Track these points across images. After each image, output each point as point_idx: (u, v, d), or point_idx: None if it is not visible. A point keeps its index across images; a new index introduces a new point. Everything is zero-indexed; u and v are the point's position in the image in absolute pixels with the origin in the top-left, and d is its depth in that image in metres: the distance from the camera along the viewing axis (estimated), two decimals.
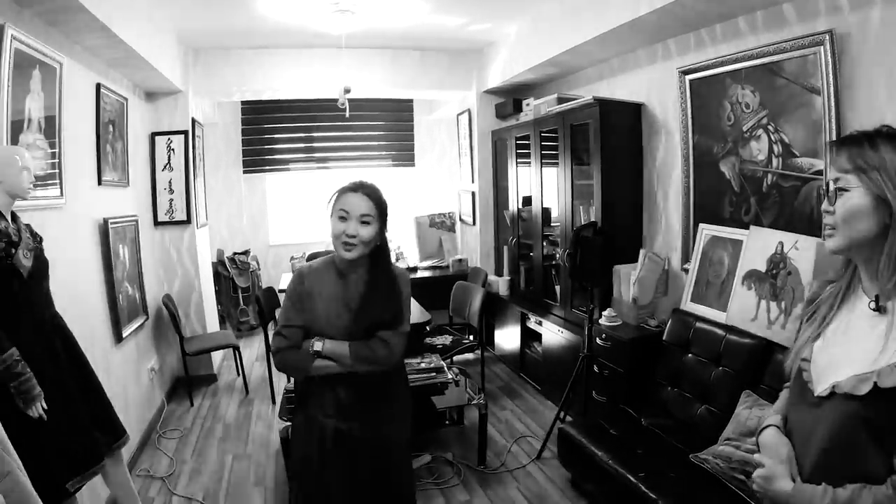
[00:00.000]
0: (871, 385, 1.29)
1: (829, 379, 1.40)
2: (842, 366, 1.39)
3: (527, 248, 6.23)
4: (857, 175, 1.36)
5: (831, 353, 1.45)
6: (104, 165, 4.34)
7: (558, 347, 5.20)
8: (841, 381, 1.36)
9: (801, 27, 3.28)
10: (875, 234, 1.35)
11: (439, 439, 4.64)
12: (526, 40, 5.69)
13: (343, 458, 2.46)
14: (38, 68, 3.26)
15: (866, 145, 1.36)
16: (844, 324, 1.47)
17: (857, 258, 1.45)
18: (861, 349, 1.37)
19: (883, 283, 1.36)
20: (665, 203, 4.55)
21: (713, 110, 3.94)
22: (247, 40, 6.01)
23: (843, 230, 1.39)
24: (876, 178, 1.32)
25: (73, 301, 3.40)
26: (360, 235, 2.34)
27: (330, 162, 8.63)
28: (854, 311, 1.45)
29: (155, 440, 4.77)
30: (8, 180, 2.53)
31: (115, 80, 4.68)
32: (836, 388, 1.37)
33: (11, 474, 1.72)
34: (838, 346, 1.45)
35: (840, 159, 1.40)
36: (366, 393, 2.48)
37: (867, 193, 1.34)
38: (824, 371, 1.44)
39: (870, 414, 1.30)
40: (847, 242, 1.39)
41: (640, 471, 3.10)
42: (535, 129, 5.64)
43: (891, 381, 1.27)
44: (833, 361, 1.43)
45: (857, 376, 1.33)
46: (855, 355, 1.38)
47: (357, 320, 2.42)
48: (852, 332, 1.43)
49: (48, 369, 2.59)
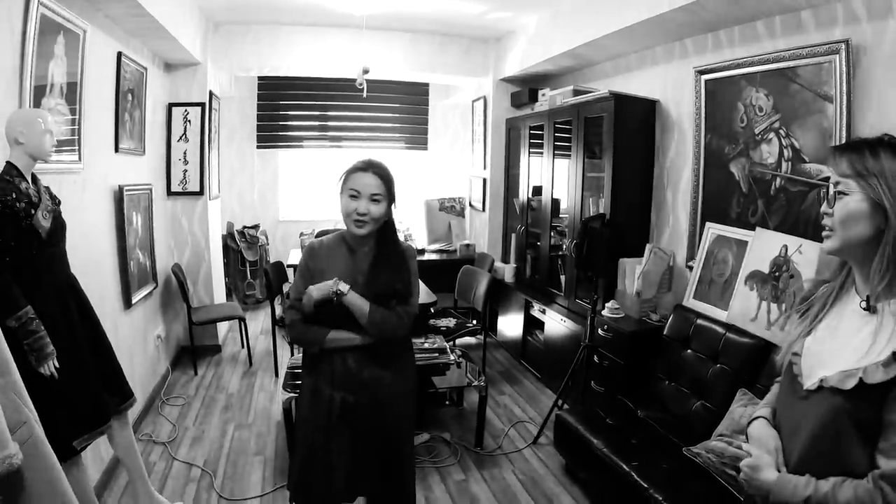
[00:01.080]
0: (857, 380, 1.35)
1: (818, 373, 1.46)
2: (831, 361, 1.45)
3: (534, 237, 6.26)
4: (856, 180, 1.40)
5: (821, 348, 1.51)
6: (122, 133, 4.39)
7: (560, 336, 5.25)
8: (829, 375, 1.42)
9: (818, 35, 3.30)
10: (870, 237, 1.40)
11: (438, 419, 4.71)
12: (545, 31, 5.71)
13: (348, 430, 2.53)
14: (63, 34, 3.31)
15: (867, 152, 1.40)
16: (836, 321, 1.52)
17: (852, 259, 1.51)
18: (850, 346, 1.43)
19: (874, 284, 1.41)
20: (674, 200, 4.58)
21: (727, 111, 3.96)
22: (268, 16, 6.04)
23: (839, 232, 1.44)
24: (875, 184, 1.37)
25: (85, 264, 3.46)
26: (370, 213, 2.43)
27: (343, 141, 8.66)
28: (845, 310, 1.51)
29: (158, 406, 4.85)
30: (30, 142, 2.57)
31: (136, 50, 4.73)
32: (823, 382, 1.43)
33: (27, 424, 1.78)
34: (828, 342, 1.51)
35: (841, 164, 1.44)
36: (373, 366, 2.55)
37: (865, 198, 1.39)
38: (813, 365, 1.50)
39: (854, 408, 1.36)
40: (843, 244, 1.45)
41: (634, 460, 3.16)
42: (550, 119, 5.66)
43: (876, 377, 1.32)
44: (822, 357, 1.48)
45: (844, 372, 1.39)
46: (844, 352, 1.43)
47: (366, 292, 2.49)
48: (842, 329, 1.49)
49: (62, 329, 2.66)
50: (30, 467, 1.75)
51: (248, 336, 6.18)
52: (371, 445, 2.56)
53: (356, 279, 2.53)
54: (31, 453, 1.75)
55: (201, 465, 3.99)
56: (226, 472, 3.95)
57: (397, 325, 2.53)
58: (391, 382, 2.59)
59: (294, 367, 4.19)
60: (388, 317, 2.50)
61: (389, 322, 2.50)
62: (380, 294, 2.50)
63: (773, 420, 1.67)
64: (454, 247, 7.60)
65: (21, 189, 2.52)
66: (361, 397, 2.52)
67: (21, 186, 2.53)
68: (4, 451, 1.62)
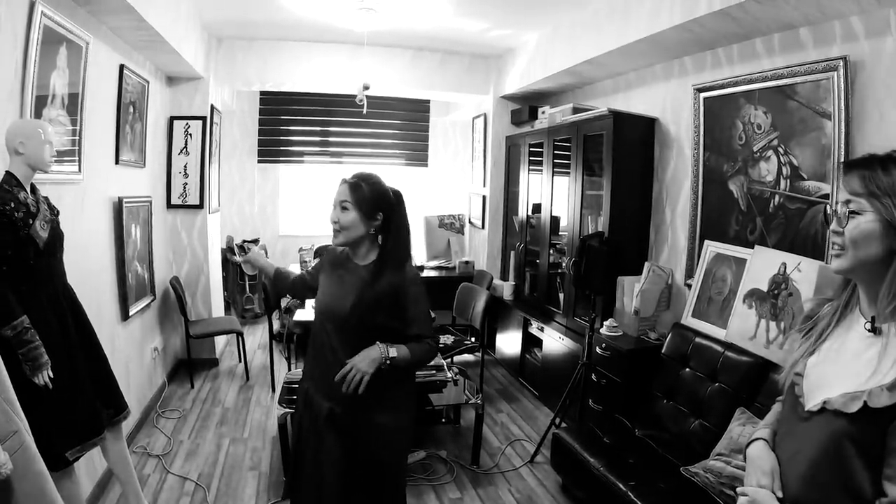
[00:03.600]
0: (861, 404, 1.30)
1: (821, 395, 1.41)
2: (834, 383, 1.40)
3: (533, 255, 6.26)
4: (868, 199, 1.36)
5: (825, 369, 1.46)
6: (122, 145, 4.40)
7: (558, 354, 5.24)
8: (832, 397, 1.37)
9: (816, 52, 3.32)
10: (881, 258, 1.36)
11: (435, 436, 4.69)
12: (545, 49, 5.74)
13: (334, 439, 2.48)
14: (65, 46, 3.32)
15: (879, 170, 1.36)
16: (840, 342, 1.48)
17: (860, 280, 1.46)
18: (854, 368, 1.38)
19: (882, 306, 1.37)
20: (672, 218, 4.59)
21: (725, 129, 3.97)
22: (270, 31, 6.08)
23: (851, 252, 1.40)
24: (888, 203, 1.33)
25: (83, 275, 3.45)
26: (339, 221, 2.47)
27: (344, 157, 8.68)
28: (850, 331, 1.46)
29: (153, 419, 4.83)
30: (30, 152, 2.58)
31: (139, 63, 4.75)
32: (826, 405, 1.38)
33: (18, 433, 1.77)
34: (832, 363, 1.46)
35: (852, 182, 1.40)
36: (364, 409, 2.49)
37: (878, 219, 1.34)
38: (816, 387, 1.45)
39: (857, 432, 1.31)
40: (853, 264, 1.40)
41: (631, 480, 3.13)
42: (549, 137, 5.68)
43: (880, 401, 1.28)
44: (826, 378, 1.44)
45: (848, 394, 1.34)
46: (847, 374, 1.39)
47: (351, 311, 2.44)
48: (847, 350, 1.44)
49: (57, 339, 2.65)
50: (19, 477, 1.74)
51: (246, 350, 6.15)
52: (356, 457, 2.50)
53: (346, 295, 2.49)
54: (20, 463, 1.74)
55: (195, 479, 3.96)
56: (220, 486, 3.92)
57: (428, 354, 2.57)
58: (379, 395, 2.46)
59: (291, 383, 4.17)
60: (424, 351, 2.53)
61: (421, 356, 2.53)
62: (373, 308, 2.45)
63: (772, 442, 1.61)
64: (453, 264, 7.60)
65: (20, 198, 2.52)
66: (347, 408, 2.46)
67: (20, 196, 2.53)
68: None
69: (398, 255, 2.53)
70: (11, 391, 1.82)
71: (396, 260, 2.52)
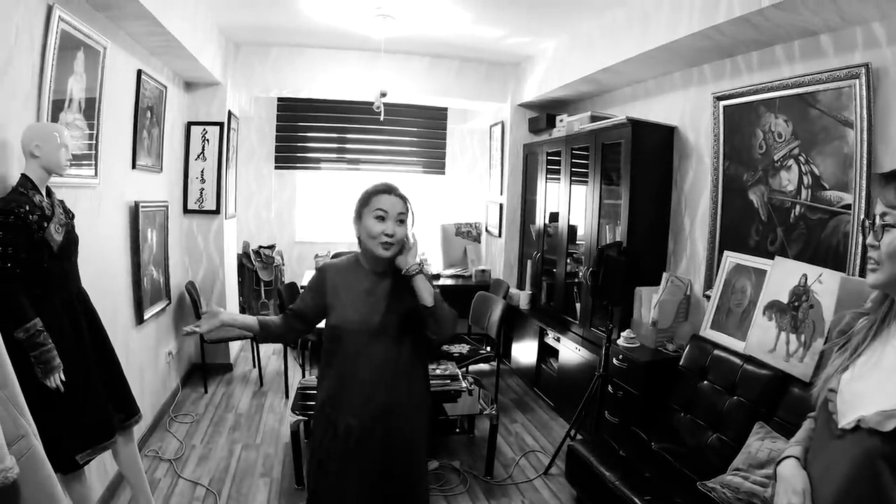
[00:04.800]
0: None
1: (855, 412, 1.37)
2: (869, 400, 1.36)
3: (550, 264, 6.22)
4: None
5: (859, 385, 1.42)
6: (139, 150, 4.41)
7: (574, 365, 5.19)
8: (867, 415, 1.33)
9: (837, 59, 3.27)
10: None
11: (448, 446, 4.65)
12: (563, 56, 5.71)
13: (354, 454, 2.44)
14: (83, 50, 3.33)
15: None
16: (875, 357, 1.43)
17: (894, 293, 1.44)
18: (890, 385, 1.34)
19: None
20: (691, 228, 4.53)
21: (745, 138, 3.93)
22: (287, 38, 6.09)
23: (887, 266, 1.37)
24: None
25: (98, 279, 3.47)
26: (396, 234, 2.37)
27: (361, 164, 8.69)
28: (886, 346, 1.42)
29: (166, 423, 4.83)
30: (46, 156, 2.59)
31: (156, 68, 4.77)
32: (860, 423, 1.34)
33: (26, 437, 1.76)
34: (867, 379, 1.42)
35: (888, 194, 1.37)
36: (389, 390, 2.45)
37: None
38: (850, 404, 1.41)
39: (892, 451, 1.27)
40: (890, 278, 1.38)
41: (647, 494, 3.07)
42: (567, 145, 5.65)
43: None
44: (860, 395, 1.40)
45: (884, 412, 1.29)
46: (883, 391, 1.34)
47: (388, 317, 2.41)
48: (883, 366, 1.40)
49: (70, 342, 2.65)
50: (27, 481, 1.72)
51: (260, 356, 6.16)
52: (379, 469, 2.45)
53: (377, 303, 2.45)
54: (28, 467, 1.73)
55: (206, 485, 3.95)
56: (231, 492, 3.90)
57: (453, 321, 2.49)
58: (397, 404, 2.45)
59: (304, 389, 4.16)
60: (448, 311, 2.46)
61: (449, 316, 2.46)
62: (405, 316, 2.43)
63: (803, 460, 1.58)
64: (469, 272, 7.57)
65: (35, 201, 2.53)
66: (365, 419, 2.42)
67: (35, 199, 2.54)
68: (1, 465, 1.60)
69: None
70: (20, 395, 1.81)
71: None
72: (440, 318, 2.40)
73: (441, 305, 2.40)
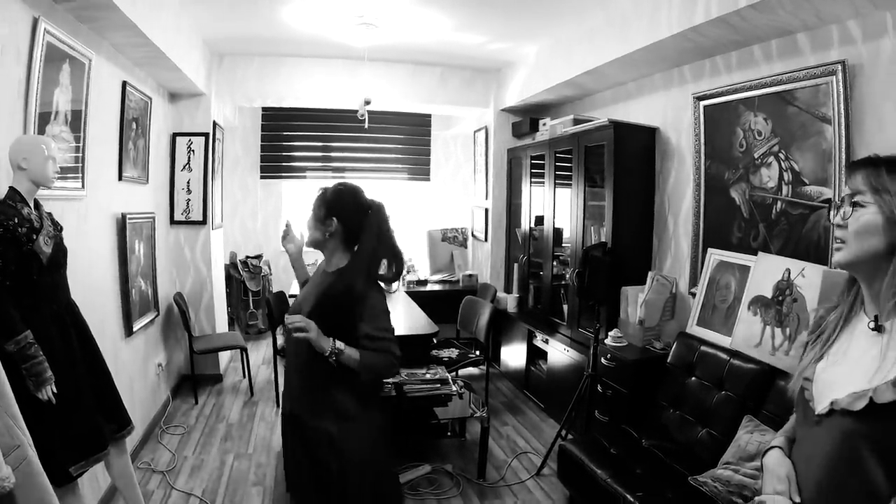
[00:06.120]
0: (867, 401, 1.31)
1: (829, 397, 1.42)
2: (841, 384, 1.41)
3: (537, 267, 6.25)
4: (872, 194, 1.40)
5: (832, 372, 1.48)
6: (125, 161, 4.42)
7: (563, 366, 5.22)
8: (839, 398, 1.38)
9: (814, 57, 3.33)
10: (882, 252, 1.38)
11: (440, 450, 4.67)
12: (545, 61, 5.76)
13: (296, 441, 2.55)
14: (68, 63, 3.35)
15: (883, 169, 1.40)
16: (846, 344, 1.49)
17: (861, 276, 1.49)
18: (860, 368, 1.39)
19: (884, 302, 1.39)
20: (675, 227, 4.58)
21: (726, 136, 3.98)
22: (271, 48, 6.11)
23: (852, 244, 1.42)
24: (889, 200, 1.37)
25: (86, 291, 3.46)
26: (305, 235, 2.69)
27: (346, 172, 8.67)
28: (855, 332, 1.48)
29: (158, 434, 4.81)
30: (33, 168, 2.60)
31: (141, 80, 4.78)
32: (834, 405, 1.39)
33: (21, 448, 1.77)
34: (839, 365, 1.47)
35: (856, 179, 1.44)
36: (308, 383, 2.48)
37: (880, 212, 1.38)
38: (825, 390, 1.46)
39: (867, 430, 1.33)
40: (855, 257, 1.43)
41: (639, 491, 3.10)
42: (551, 149, 5.69)
43: (886, 397, 1.29)
44: (833, 380, 1.45)
45: (854, 393, 1.35)
46: (854, 374, 1.40)
47: (309, 315, 2.38)
48: (852, 351, 1.46)
49: (60, 354, 2.65)
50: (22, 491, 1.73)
51: (250, 366, 6.15)
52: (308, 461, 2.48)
53: (309, 296, 2.55)
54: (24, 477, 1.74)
55: (199, 495, 3.94)
56: (224, 502, 3.90)
57: (385, 365, 2.45)
58: (328, 403, 2.44)
59: None
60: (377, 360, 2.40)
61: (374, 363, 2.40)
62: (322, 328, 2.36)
63: (788, 449, 1.63)
64: (457, 277, 7.60)
65: (23, 214, 2.53)
66: (298, 410, 2.51)
67: (23, 211, 2.54)
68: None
69: (359, 264, 2.48)
70: (15, 406, 1.82)
71: (357, 268, 2.47)
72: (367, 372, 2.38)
73: (371, 366, 2.39)
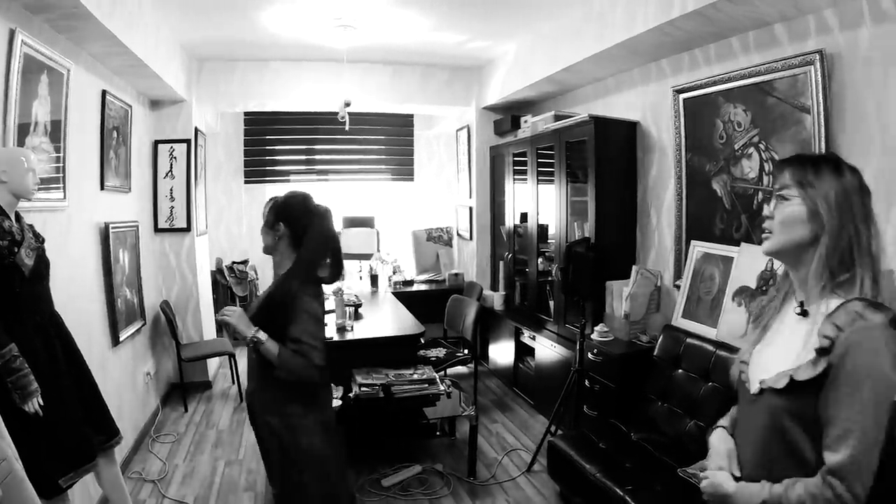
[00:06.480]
0: (788, 379, 1.47)
1: (761, 377, 1.58)
2: (771, 365, 1.56)
3: (522, 264, 6.28)
4: (797, 188, 1.54)
5: (765, 354, 1.64)
6: (107, 171, 4.40)
7: (551, 362, 5.24)
8: (767, 378, 1.54)
9: (791, 47, 3.35)
10: (806, 242, 1.52)
11: (430, 450, 4.68)
12: (525, 58, 5.77)
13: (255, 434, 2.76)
14: (46, 73, 3.33)
15: (808, 166, 1.55)
16: (778, 328, 1.65)
17: (788, 264, 1.63)
18: (787, 349, 1.54)
19: (810, 287, 1.53)
20: (658, 220, 4.61)
21: (706, 129, 4.00)
22: (250, 52, 6.09)
23: (778, 234, 1.57)
24: (812, 193, 1.50)
25: (71, 302, 3.45)
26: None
27: (330, 174, 8.66)
28: (786, 317, 1.64)
29: (148, 444, 4.79)
30: (13, 181, 2.58)
31: (121, 88, 4.76)
32: (762, 384, 1.55)
33: (7, 461, 1.77)
34: (771, 347, 1.63)
35: (784, 175, 1.58)
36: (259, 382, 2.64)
37: (804, 204, 1.51)
38: (758, 371, 1.61)
39: (793, 407, 1.48)
40: (780, 246, 1.57)
41: (628, 484, 3.12)
42: (532, 145, 5.71)
43: (804, 375, 1.44)
44: (765, 362, 1.61)
45: (780, 372, 1.50)
46: (782, 355, 1.55)
47: (252, 316, 2.56)
48: (782, 334, 1.62)
49: (46, 367, 2.64)
50: None
51: (239, 372, 6.11)
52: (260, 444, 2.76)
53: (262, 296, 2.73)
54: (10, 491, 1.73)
55: (191, 503, 3.93)
56: None
57: (299, 366, 2.48)
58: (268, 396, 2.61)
59: None
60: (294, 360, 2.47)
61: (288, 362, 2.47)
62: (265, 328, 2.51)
63: (732, 429, 1.80)
64: (443, 277, 7.61)
65: (4, 227, 2.52)
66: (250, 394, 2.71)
67: (4, 224, 2.53)
68: None
69: (297, 266, 2.61)
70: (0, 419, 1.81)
71: (295, 270, 2.60)
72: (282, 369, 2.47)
73: (286, 363, 2.46)
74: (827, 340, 1.41)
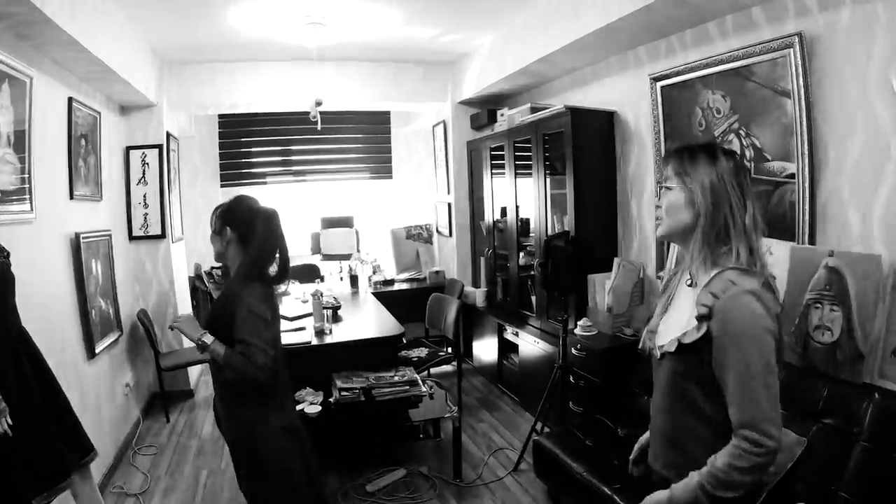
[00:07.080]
0: (677, 343, 1.67)
1: (660, 344, 1.78)
2: (669, 332, 1.75)
3: (503, 259, 6.23)
4: (676, 178, 1.74)
5: (665, 323, 1.82)
6: (76, 180, 4.30)
7: (535, 358, 5.20)
8: (664, 343, 1.74)
9: (770, 30, 3.30)
10: (690, 225, 1.71)
11: (415, 453, 4.62)
12: (499, 50, 5.72)
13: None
14: (7, 83, 3.23)
15: (686, 156, 1.74)
16: (677, 300, 1.84)
17: (678, 243, 1.84)
18: (680, 317, 1.74)
19: (695, 262, 1.71)
20: (639, 211, 4.57)
21: (684, 116, 3.96)
22: (220, 54, 6.00)
23: (666, 220, 1.77)
24: (689, 182, 1.70)
25: (43, 316, 3.37)
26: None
27: (307, 175, 8.58)
28: (682, 289, 1.82)
29: (130, 456, 4.70)
30: None
31: (88, 94, 4.65)
32: (660, 350, 1.76)
33: None
34: (669, 316, 1.82)
35: (667, 168, 1.79)
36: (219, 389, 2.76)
37: (682, 191, 1.71)
38: (660, 339, 1.80)
39: (686, 367, 1.68)
40: (669, 230, 1.78)
41: (616, 483, 3.09)
42: (510, 139, 5.66)
43: (689, 338, 1.64)
44: (665, 330, 1.80)
45: (673, 339, 1.70)
46: (676, 323, 1.75)
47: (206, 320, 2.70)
48: (678, 305, 1.81)
49: (14, 384, 2.57)
50: None
51: None
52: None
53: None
54: None
55: None
56: None
57: (242, 366, 2.47)
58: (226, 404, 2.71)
59: None
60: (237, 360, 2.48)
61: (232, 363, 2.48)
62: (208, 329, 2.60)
63: None
64: (424, 275, 7.54)
65: None
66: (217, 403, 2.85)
67: None
68: None
69: (241, 268, 2.66)
70: None
71: (242, 272, 2.64)
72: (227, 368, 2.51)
73: (229, 362, 2.49)
74: (705, 308, 1.61)
